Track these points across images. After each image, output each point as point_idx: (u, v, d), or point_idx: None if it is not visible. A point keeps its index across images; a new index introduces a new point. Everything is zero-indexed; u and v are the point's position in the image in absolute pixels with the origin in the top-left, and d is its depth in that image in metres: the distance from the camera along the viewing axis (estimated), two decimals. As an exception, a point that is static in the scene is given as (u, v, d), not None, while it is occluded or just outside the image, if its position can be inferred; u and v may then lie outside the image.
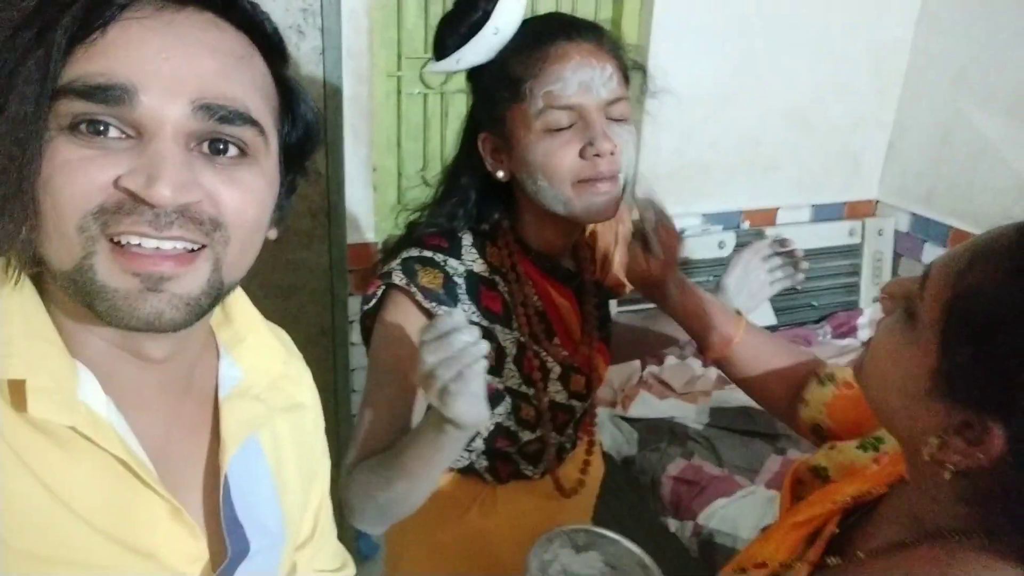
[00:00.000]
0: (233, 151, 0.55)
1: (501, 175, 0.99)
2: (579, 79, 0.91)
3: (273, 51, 0.60)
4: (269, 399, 0.69)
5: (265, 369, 0.69)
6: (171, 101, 0.51)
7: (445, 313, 0.78)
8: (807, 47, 2.33)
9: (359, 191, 1.95)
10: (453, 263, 0.99)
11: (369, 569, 2.02)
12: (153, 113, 0.50)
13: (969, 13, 2.29)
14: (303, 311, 1.87)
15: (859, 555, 0.63)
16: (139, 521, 0.56)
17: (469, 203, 1.03)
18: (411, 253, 0.98)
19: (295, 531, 0.73)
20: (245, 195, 0.55)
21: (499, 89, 0.95)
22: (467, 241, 1.02)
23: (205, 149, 0.54)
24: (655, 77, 1.07)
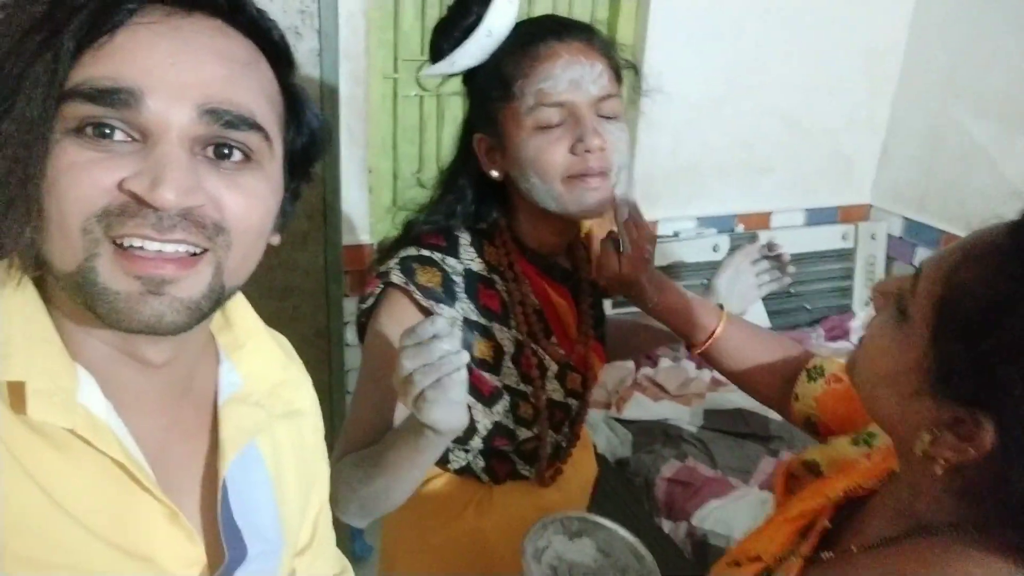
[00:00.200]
0: (238, 156, 0.55)
1: (495, 174, 1.00)
2: (569, 76, 0.92)
3: (280, 58, 0.60)
4: (268, 405, 0.68)
5: (265, 375, 0.69)
6: (177, 105, 0.51)
7: (428, 319, 0.78)
8: (800, 51, 2.34)
9: (355, 193, 1.95)
10: (451, 262, 0.99)
11: (363, 570, 2.02)
12: (159, 117, 0.51)
13: (961, 18, 2.31)
14: (298, 312, 1.87)
15: (851, 549, 0.64)
16: (136, 525, 0.55)
17: (466, 203, 1.03)
18: (409, 252, 0.98)
19: (293, 537, 0.72)
20: (249, 200, 0.55)
21: (492, 89, 0.96)
22: (465, 240, 1.02)
23: (210, 154, 0.54)
24: (648, 78, 1.08)
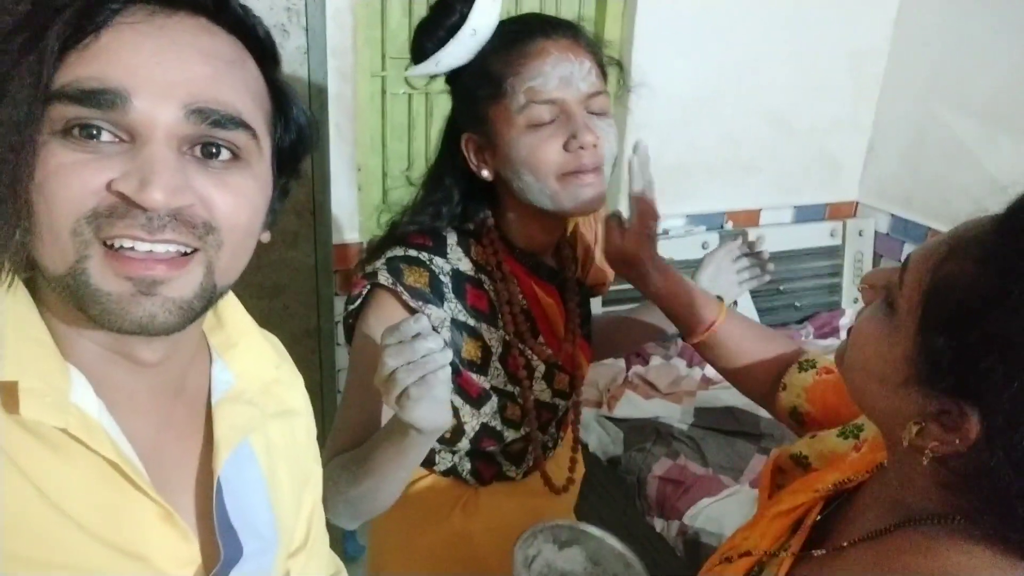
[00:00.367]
0: (226, 155, 0.55)
1: (486, 174, 0.99)
2: (559, 74, 0.92)
3: (265, 55, 0.60)
4: (262, 404, 0.69)
5: (257, 374, 0.69)
6: (164, 105, 0.51)
7: (411, 318, 0.77)
8: (787, 51, 2.35)
9: (344, 191, 1.94)
10: (439, 262, 0.99)
11: (355, 570, 2.01)
12: (146, 117, 0.50)
13: (944, 19, 2.33)
14: (288, 311, 1.86)
15: (842, 544, 0.64)
16: (131, 524, 0.55)
17: (452, 203, 1.03)
18: (396, 252, 0.97)
19: (288, 537, 0.72)
20: (238, 199, 0.55)
21: (480, 88, 0.95)
22: (452, 240, 1.02)
23: (198, 153, 0.54)
24: (636, 77, 1.08)
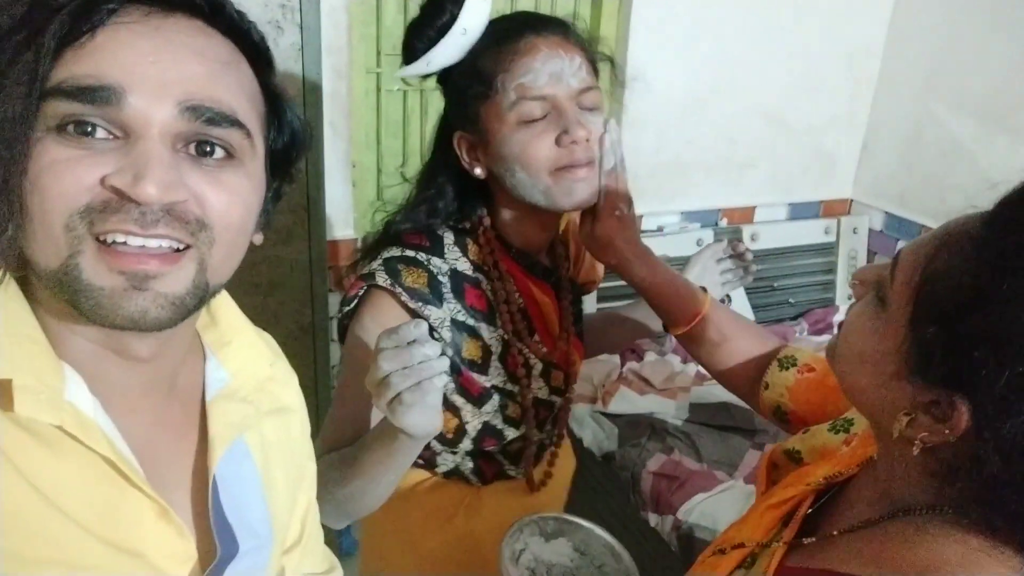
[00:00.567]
0: (219, 153, 0.55)
1: (479, 172, 0.99)
2: (549, 70, 0.92)
3: (259, 58, 0.61)
4: (256, 401, 0.69)
5: (252, 372, 0.70)
6: (159, 102, 0.51)
7: (410, 323, 0.77)
8: (782, 48, 2.35)
9: (338, 187, 1.94)
10: (437, 262, 0.99)
11: (351, 566, 2.01)
12: (140, 114, 0.51)
13: (939, 17, 2.33)
14: (283, 308, 1.86)
15: (833, 533, 0.65)
16: (127, 521, 0.56)
17: (447, 201, 1.03)
18: (392, 253, 0.97)
19: (283, 534, 0.73)
20: (231, 197, 0.56)
21: (471, 86, 0.96)
22: (449, 239, 1.01)
23: (192, 151, 0.54)
24: (632, 75, 1.08)
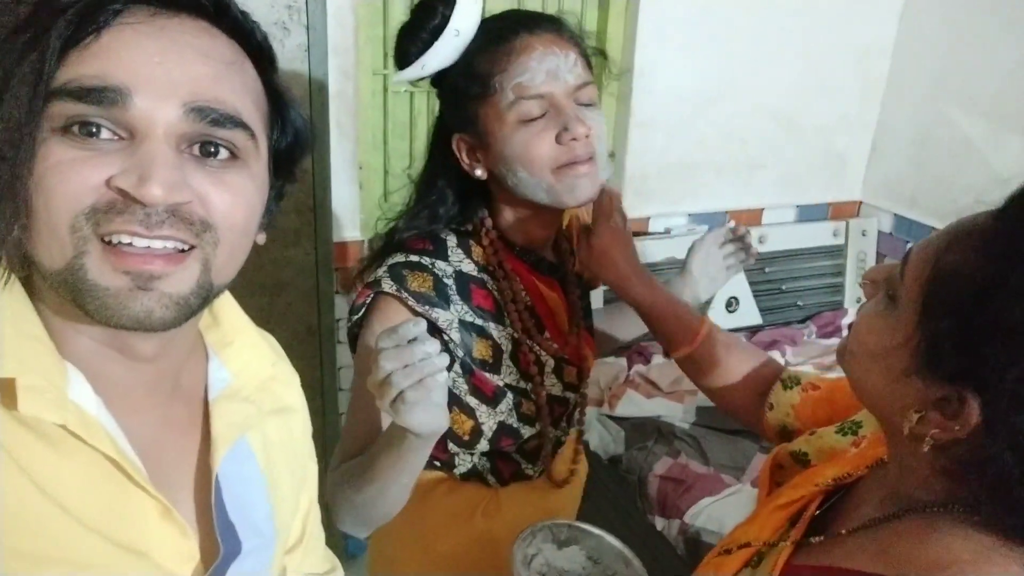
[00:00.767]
0: (224, 154, 0.56)
1: (479, 173, 1.00)
2: (546, 68, 0.92)
3: (263, 59, 0.61)
4: (259, 401, 0.69)
5: (254, 372, 0.70)
6: (163, 103, 0.52)
7: (408, 322, 0.77)
8: (791, 49, 2.34)
9: (345, 188, 1.94)
10: (441, 265, 0.99)
11: (356, 569, 2.01)
12: (145, 115, 0.51)
13: (949, 17, 2.32)
14: (290, 309, 1.86)
15: (841, 532, 0.65)
16: (130, 520, 0.56)
17: (448, 205, 1.03)
18: (397, 259, 0.97)
19: (285, 533, 0.73)
20: (235, 198, 0.56)
21: (468, 88, 0.96)
22: (451, 242, 1.02)
23: (196, 151, 0.54)
24: (639, 74, 1.08)
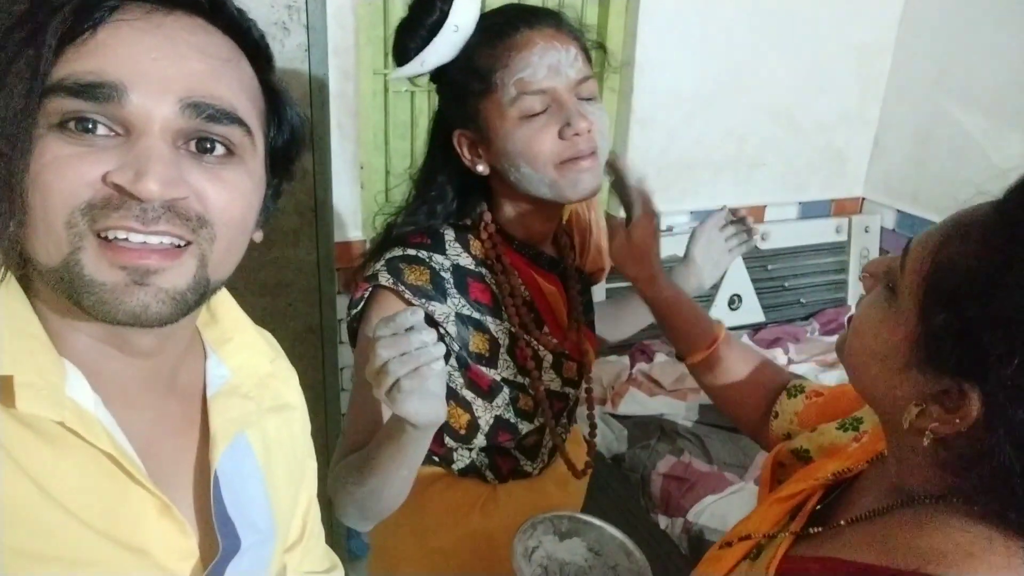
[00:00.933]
0: (220, 150, 0.56)
1: (481, 169, 1.00)
2: (547, 63, 0.92)
3: (259, 56, 0.61)
4: (258, 398, 0.69)
5: (253, 368, 0.70)
6: (160, 99, 0.52)
7: (406, 310, 0.76)
8: (792, 46, 2.34)
9: (346, 188, 1.94)
10: (438, 258, 0.99)
11: (359, 569, 2.02)
12: (142, 111, 0.51)
13: (950, 13, 2.31)
14: (291, 309, 1.86)
15: (839, 523, 0.65)
16: (129, 517, 0.56)
17: (447, 200, 1.03)
18: (394, 253, 0.98)
19: (285, 530, 0.73)
20: (232, 193, 0.56)
21: (468, 84, 0.95)
22: (450, 236, 1.02)
23: (192, 148, 0.55)
24: (640, 71, 1.08)
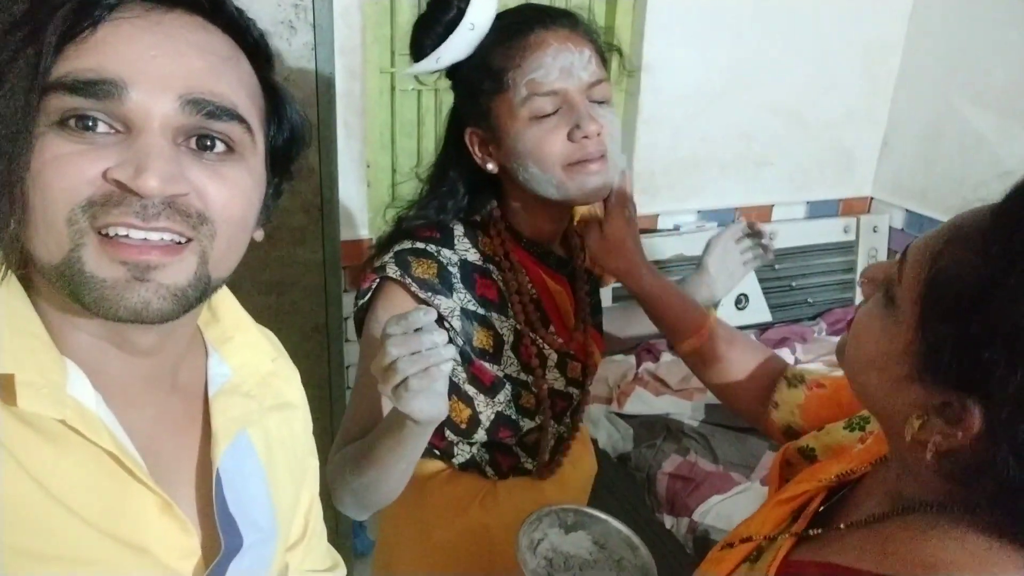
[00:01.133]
0: (220, 147, 0.56)
1: (491, 167, 1.00)
2: (560, 65, 0.92)
3: (259, 55, 0.61)
4: (259, 396, 0.69)
5: (254, 367, 0.70)
6: (160, 96, 0.52)
7: (418, 309, 0.77)
8: (800, 44, 2.32)
9: (352, 187, 1.94)
10: (447, 253, 1.00)
11: (365, 567, 2.02)
12: (142, 108, 0.51)
13: (959, 11, 2.30)
14: (297, 307, 1.86)
15: (840, 527, 0.64)
16: (130, 515, 0.56)
17: (458, 196, 1.04)
18: (403, 246, 0.98)
19: (286, 529, 0.73)
20: (232, 191, 0.56)
21: (481, 82, 0.96)
22: (459, 231, 1.03)
23: (192, 145, 0.55)
24: (647, 70, 1.08)
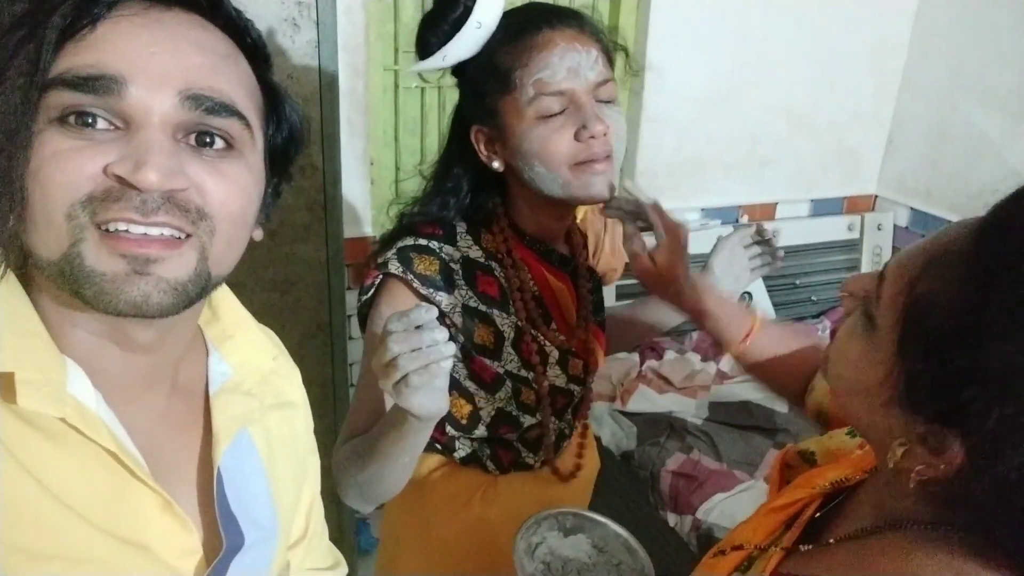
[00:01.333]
0: (219, 144, 0.56)
1: (496, 165, 1.00)
2: (567, 64, 0.92)
3: (257, 55, 0.61)
4: (260, 394, 0.69)
5: (255, 365, 0.70)
6: (159, 92, 0.52)
7: (420, 307, 0.77)
8: (805, 43, 2.32)
9: (356, 185, 1.94)
10: (448, 250, 1.00)
11: (369, 564, 2.02)
12: (141, 103, 0.51)
13: (965, 11, 2.29)
14: (300, 305, 1.86)
15: (829, 541, 0.64)
16: (131, 514, 0.56)
17: (461, 193, 1.04)
18: (406, 242, 0.98)
19: (288, 527, 0.73)
20: (231, 187, 0.56)
21: (488, 81, 0.96)
22: (461, 228, 1.03)
23: (192, 141, 0.55)
24: (651, 69, 1.07)
